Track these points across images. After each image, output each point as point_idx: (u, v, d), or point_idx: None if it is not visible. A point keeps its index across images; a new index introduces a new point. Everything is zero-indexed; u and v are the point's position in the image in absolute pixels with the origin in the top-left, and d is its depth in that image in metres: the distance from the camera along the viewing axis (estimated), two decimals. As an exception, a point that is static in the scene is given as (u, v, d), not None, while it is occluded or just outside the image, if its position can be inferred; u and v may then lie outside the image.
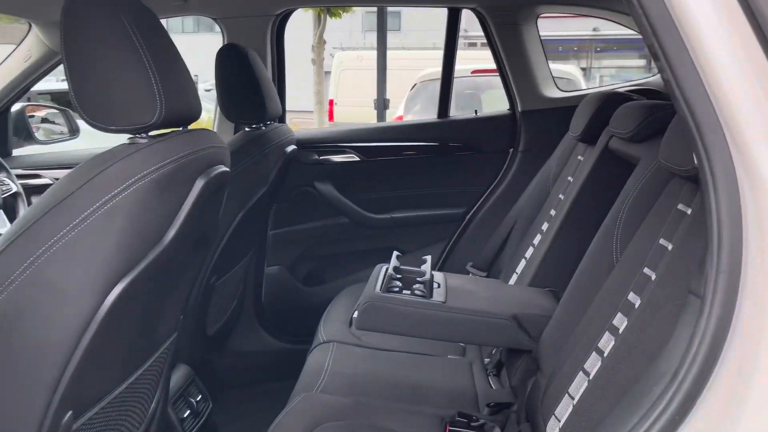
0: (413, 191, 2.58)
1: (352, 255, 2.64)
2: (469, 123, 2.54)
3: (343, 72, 10.00)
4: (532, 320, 1.60)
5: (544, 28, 2.48)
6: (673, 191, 1.26)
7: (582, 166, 1.96)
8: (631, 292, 1.25)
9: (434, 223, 2.58)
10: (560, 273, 1.82)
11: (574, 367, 1.32)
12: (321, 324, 2.10)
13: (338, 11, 10.98)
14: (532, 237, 2.13)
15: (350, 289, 2.39)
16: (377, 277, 1.73)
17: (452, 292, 1.67)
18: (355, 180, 2.58)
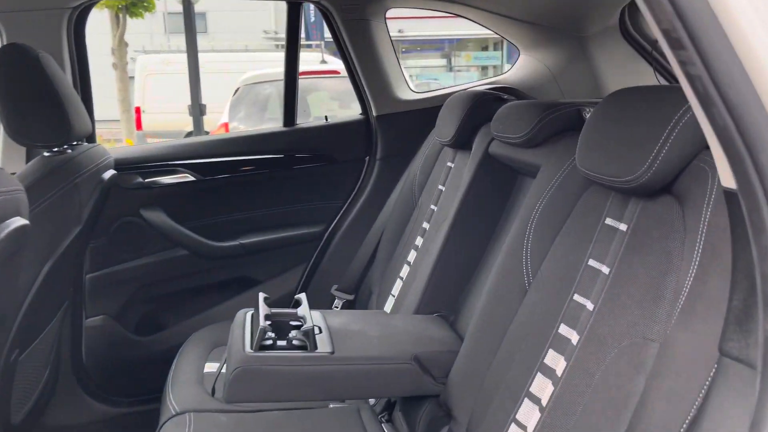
0: (263, 211, 2.25)
1: (196, 292, 2.24)
2: (320, 131, 2.28)
3: (149, 77, 9.14)
4: (435, 359, 1.38)
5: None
6: (595, 203, 1.11)
7: (456, 174, 1.79)
8: (563, 324, 1.07)
9: (290, 245, 2.27)
10: (449, 295, 1.64)
11: (503, 417, 1.12)
12: (168, 388, 1.70)
13: (139, 11, 10.02)
14: (405, 254, 1.93)
15: (200, 335, 2.00)
16: (242, 329, 1.40)
17: (337, 336, 1.40)
18: (191, 203, 2.18)
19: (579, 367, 0.99)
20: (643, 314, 0.90)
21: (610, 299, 0.98)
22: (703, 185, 0.86)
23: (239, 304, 2.27)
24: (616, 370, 0.91)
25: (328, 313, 1.55)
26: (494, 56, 18.35)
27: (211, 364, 1.84)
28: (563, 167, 1.22)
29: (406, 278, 1.84)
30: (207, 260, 2.19)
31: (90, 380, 2.12)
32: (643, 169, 0.91)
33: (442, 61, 19.60)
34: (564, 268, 1.12)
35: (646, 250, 0.93)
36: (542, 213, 1.23)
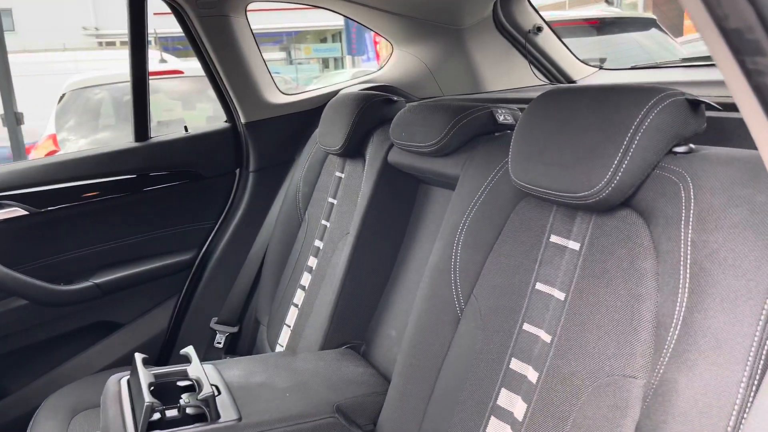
0: (118, 243, 1.91)
1: (43, 348, 1.86)
2: (180, 143, 1.97)
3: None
4: (359, 406, 1.21)
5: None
6: (533, 218, 1.00)
7: (349, 185, 1.62)
8: (514, 359, 0.95)
9: (157, 279, 1.96)
10: (358, 322, 1.48)
11: (454, 472, 0.98)
12: (21, 478, 1.37)
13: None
14: (297, 277, 1.72)
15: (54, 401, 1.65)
16: (119, 404, 1.12)
17: (240, 395, 1.17)
18: (25, 242, 1.79)
19: (545, 411, 0.87)
20: (620, 347, 0.79)
21: (572, 329, 0.87)
22: (676, 199, 0.76)
23: (99, 355, 1.93)
24: (595, 413, 0.79)
25: (221, 364, 1.31)
26: (334, 48, 18.36)
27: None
28: (488, 178, 1.10)
29: (302, 306, 1.64)
30: (54, 308, 1.82)
31: None
32: (603, 184, 0.81)
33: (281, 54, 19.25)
34: (505, 294, 1.00)
35: (610, 273, 0.83)
36: (469, 231, 1.10)
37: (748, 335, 0.64)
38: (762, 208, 0.67)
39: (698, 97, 0.82)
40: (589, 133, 0.84)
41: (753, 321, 0.64)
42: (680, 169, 0.77)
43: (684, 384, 0.68)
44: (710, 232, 0.70)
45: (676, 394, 0.69)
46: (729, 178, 0.72)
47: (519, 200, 1.03)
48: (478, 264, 1.07)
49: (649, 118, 0.79)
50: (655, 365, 0.73)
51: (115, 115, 5.42)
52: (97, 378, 1.78)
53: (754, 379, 0.63)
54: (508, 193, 1.05)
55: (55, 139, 4.99)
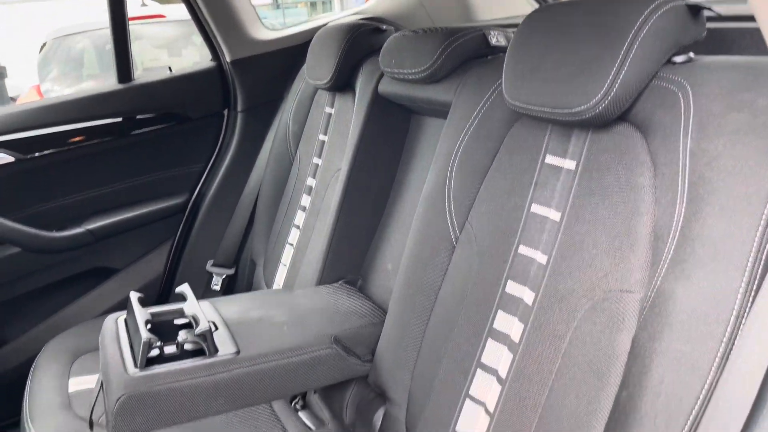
0: (108, 188, 1.88)
1: (40, 295, 1.86)
2: (165, 85, 1.92)
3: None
4: (357, 337, 1.21)
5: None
6: (527, 139, 0.97)
7: (339, 120, 1.59)
8: (510, 281, 0.95)
9: (149, 223, 1.94)
10: (353, 257, 1.47)
11: (453, 394, 0.99)
12: (26, 419, 1.38)
13: None
14: (291, 216, 1.71)
15: (54, 345, 1.66)
16: (116, 342, 1.12)
17: (238, 330, 1.17)
18: (14, 190, 1.76)
19: (542, 329, 0.87)
20: (615, 263, 0.78)
21: (568, 249, 0.86)
22: (674, 109, 0.74)
23: (96, 301, 1.93)
24: (592, 330, 0.79)
25: (218, 301, 1.31)
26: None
27: (77, 380, 1.53)
28: (480, 102, 1.07)
29: (297, 244, 1.63)
30: (47, 255, 1.81)
31: None
32: (599, 97, 0.78)
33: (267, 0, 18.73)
34: (500, 217, 0.99)
35: (608, 189, 0.82)
36: (463, 157, 1.08)
37: (747, 241, 0.63)
38: (764, 111, 0.65)
39: (699, 3, 0.79)
40: (584, 45, 0.81)
41: (752, 226, 0.63)
42: (679, 78, 0.75)
43: (681, 293, 0.67)
44: (710, 140, 0.68)
45: (673, 304, 0.68)
46: (730, 84, 0.70)
47: (513, 123, 1.01)
48: (472, 190, 1.05)
49: (647, 25, 0.75)
50: (652, 278, 0.73)
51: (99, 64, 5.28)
52: (95, 322, 1.78)
53: (753, 285, 0.63)
54: (501, 116, 1.03)
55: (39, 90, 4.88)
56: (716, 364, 0.63)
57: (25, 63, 5.72)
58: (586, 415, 0.77)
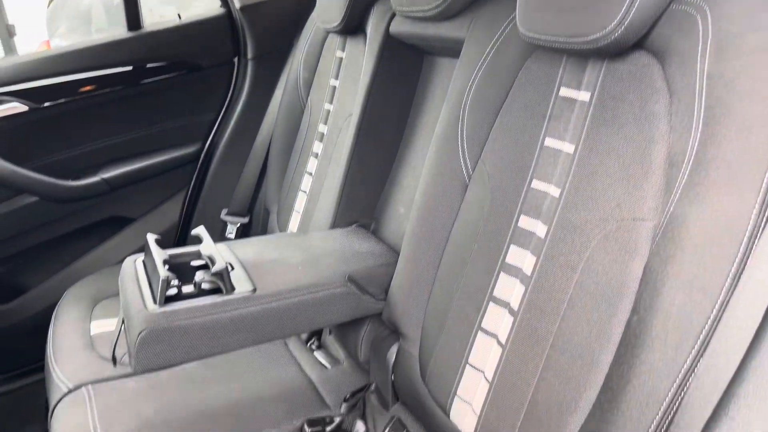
0: (121, 137, 1.90)
1: (58, 243, 1.89)
2: (175, 32, 1.91)
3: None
4: (371, 276, 1.23)
5: None
6: (542, 72, 0.96)
7: (350, 65, 1.57)
8: (523, 216, 0.95)
9: (163, 173, 1.96)
10: (366, 201, 1.48)
11: (465, 328, 1.00)
12: (51, 360, 1.43)
13: None
14: (304, 163, 1.71)
15: (75, 292, 1.71)
16: (136, 282, 1.15)
17: (254, 270, 1.19)
18: (28, 139, 1.78)
19: (554, 261, 0.87)
20: (629, 191, 0.78)
21: (581, 180, 0.86)
22: (692, 32, 0.73)
23: (114, 249, 1.97)
24: (604, 259, 0.80)
25: (234, 244, 1.33)
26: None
27: (97, 323, 1.57)
28: (494, 37, 1.05)
29: (310, 191, 1.64)
30: (64, 204, 1.83)
31: (-55, 367, 1.77)
32: (615, 23, 0.77)
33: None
34: (514, 153, 0.99)
35: (622, 119, 0.81)
36: (476, 94, 1.07)
37: (763, 161, 0.63)
38: (784, 30, 0.64)
39: None
40: (600, -30, 0.79)
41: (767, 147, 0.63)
42: (697, 0, 0.73)
43: (694, 217, 0.68)
44: (728, 61, 0.67)
45: (686, 228, 0.68)
46: (750, 4, 0.68)
47: (527, 57, 0.99)
48: (485, 127, 1.05)
49: (666, -56, 0.74)
50: (665, 205, 0.73)
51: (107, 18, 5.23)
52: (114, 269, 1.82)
53: (766, 206, 0.63)
54: (515, 50, 1.01)
55: (48, 45, 4.86)
56: (727, 285, 0.64)
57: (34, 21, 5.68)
58: (597, 342, 0.78)
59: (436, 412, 1.05)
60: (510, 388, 0.90)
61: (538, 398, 0.85)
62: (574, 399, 0.79)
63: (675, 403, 0.66)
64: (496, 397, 0.92)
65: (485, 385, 0.95)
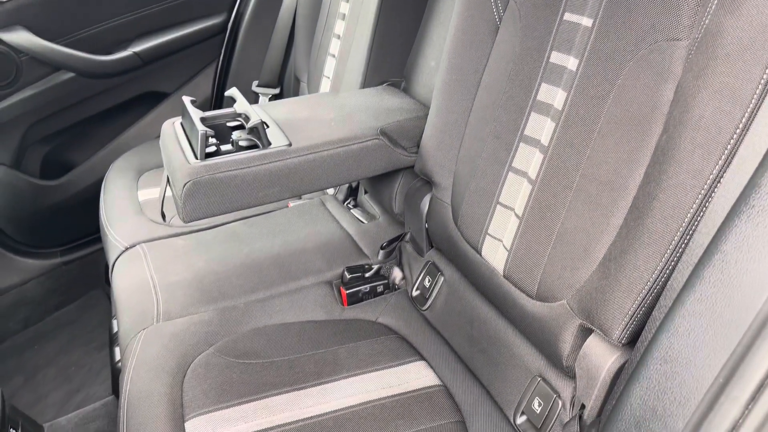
0: (150, 9, 1.88)
1: (98, 119, 1.95)
2: None
3: None
4: (402, 129, 1.25)
5: None
6: None
7: None
8: (555, 52, 0.94)
9: (192, 45, 1.95)
10: (395, 60, 1.47)
11: (496, 168, 1.03)
12: (106, 225, 1.52)
13: None
14: (331, 26, 1.69)
15: (119, 164, 1.78)
16: (176, 141, 1.19)
17: (288, 127, 1.22)
18: (58, 13, 1.78)
19: (585, 93, 0.87)
20: (664, 11, 0.76)
21: (615, 6, 0.83)
22: None
23: (152, 124, 2.02)
24: (635, 84, 0.79)
25: (267, 105, 1.35)
26: None
27: (144, 191, 1.65)
28: None
29: (338, 54, 1.63)
30: (100, 79, 1.87)
31: (8, 239, 1.90)
32: None
33: None
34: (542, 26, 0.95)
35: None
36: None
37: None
38: None
39: None
40: None
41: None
42: None
43: (729, 26, 0.66)
44: None
45: (721, 38, 0.67)
46: None
47: None
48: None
49: None
50: (700, 20, 0.71)
51: None
52: (154, 143, 1.88)
53: (805, 8, 0.61)
54: None
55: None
56: (759, 91, 0.64)
57: None
58: (627, 167, 0.79)
59: (468, 252, 1.09)
60: (539, 220, 0.93)
61: (567, 226, 0.88)
62: (601, 223, 0.82)
63: (700, 212, 0.69)
64: (527, 230, 0.95)
65: (515, 221, 0.98)
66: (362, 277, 1.27)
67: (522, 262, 0.96)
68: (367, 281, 1.26)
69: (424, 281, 1.22)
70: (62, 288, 1.99)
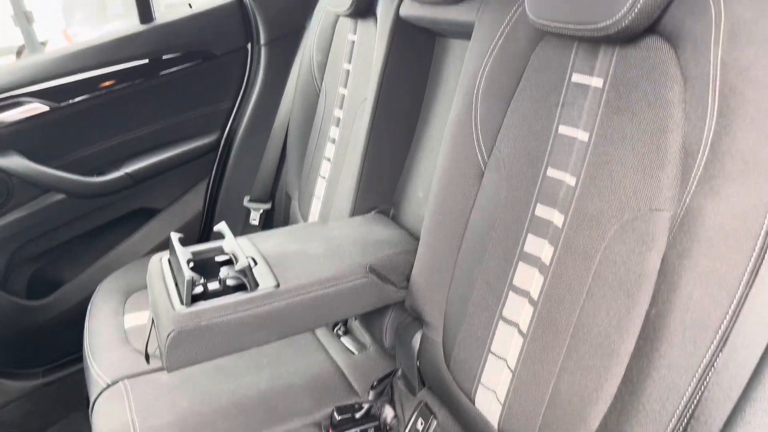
0: (141, 131, 1.92)
1: (88, 237, 1.94)
2: (186, 23, 1.91)
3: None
4: (391, 264, 1.24)
5: None
6: (554, 58, 0.94)
7: (362, 48, 1.56)
8: (539, 205, 0.95)
9: (185, 163, 1.98)
10: (384, 187, 1.48)
11: (486, 316, 1.01)
12: (88, 355, 1.48)
13: None
14: (321, 148, 1.72)
15: (108, 285, 1.75)
16: (162, 282, 1.18)
17: (277, 263, 1.21)
18: (51, 138, 1.81)
19: (572, 250, 0.87)
20: (645, 181, 0.77)
21: (596, 169, 0.85)
22: (705, 17, 0.71)
23: (142, 241, 2.01)
24: (621, 249, 0.79)
25: (256, 237, 1.34)
26: None
27: (131, 316, 1.62)
28: (504, 21, 1.03)
29: (329, 177, 1.65)
30: (91, 199, 1.87)
31: (-10, 361, 1.85)
32: (625, 10, 0.75)
33: None
34: (528, 141, 0.98)
35: (635, 106, 0.79)
36: (487, 81, 1.05)
37: (779, 154, 0.61)
38: (799, 15, 0.62)
39: None
40: (609, -47, 0.77)
41: (784, 138, 0.61)
42: (710, -17, 0.71)
43: (710, 210, 0.67)
44: (741, 49, 0.65)
45: (702, 220, 0.68)
46: (763, -13, 0.66)
47: (538, 42, 0.98)
48: (499, 113, 1.04)
49: (676, -73, 0.71)
50: (681, 195, 0.72)
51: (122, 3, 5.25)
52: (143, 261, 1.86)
53: (784, 199, 0.61)
54: (526, 35, 0.99)
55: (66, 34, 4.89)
56: (745, 279, 0.63)
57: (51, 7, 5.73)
58: (617, 332, 0.78)
59: (461, 398, 1.06)
60: (532, 377, 0.91)
61: (560, 387, 0.86)
62: (595, 389, 0.80)
63: (695, 398, 0.67)
64: (519, 385, 0.93)
65: (508, 373, 0.96)
66: (352, 418, 1.22)
67: (516, 419, 0.92)
68: (357, 423, 1.22)
69: (416, 424, 1.18)
70: (42, 410, 1.92)
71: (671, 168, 0.74)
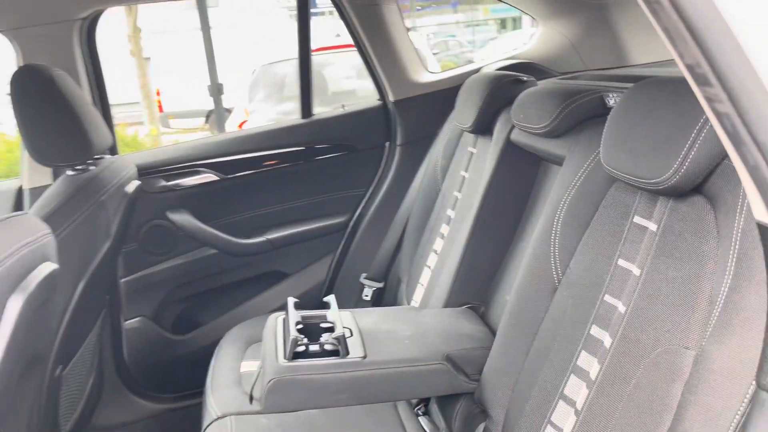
0: (287, 205, 2.25)
1: (228, 289, 2.27)
2: (338, 120, 2.25)
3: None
4: (468, 357, 1.38)
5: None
6: (622, 199, 1.08)
7: (478, 160, 1.76)
8: (594, 326, 1.06)
9: (317, 237, 2.28)
10: (477, 285, 1.63)
11: (538, 418, 1.12)
12: (208, 389, 1.74)
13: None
14: (432, 242, 1.91)
15: (234, 333, 2.04)
16: (274, 337, 1.41)
17: (369, 338, 1.40)
18: (215, 203, 2.19)
19: (614, 372, 0.97)
20: (679, 321, 0.88)
21: (642, 302, 0.96)
22: (735, 189, 0.82)
23: (271, 298, 2.30)
24: (652, 379, 0.89)
25: (358, 312, 1.55)
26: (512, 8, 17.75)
27: (247, 363, 1.87)
28: (588, 160, 1.19)
29: (434, 267, 1.84)
30: (236, 257, 2.21)
31: (134, 380, 2.19)
32: (671, 172, 0.88)
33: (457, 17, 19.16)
34: (593, 267, 1.10)
35: (678, 253, 0.91)
36: (569, 208, 1.20)
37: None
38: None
39: None
40: (663, 124, 0.91)
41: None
42: (743, 161, 0.82)
43: (716, 355, 0.76)
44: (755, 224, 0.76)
45: (710, 363, 0.77)
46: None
47: (612, 183, 1.12)
48: (574, 239, 1.18)
49: (717, 112, 0.84)
50: (701, 338, 0.82)
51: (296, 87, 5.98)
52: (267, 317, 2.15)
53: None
54: (603, 175, 1.14)
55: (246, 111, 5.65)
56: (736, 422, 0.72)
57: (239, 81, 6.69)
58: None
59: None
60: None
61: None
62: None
63: None
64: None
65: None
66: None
67: None
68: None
69: None
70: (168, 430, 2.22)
71: (699, 312, 0.85)
